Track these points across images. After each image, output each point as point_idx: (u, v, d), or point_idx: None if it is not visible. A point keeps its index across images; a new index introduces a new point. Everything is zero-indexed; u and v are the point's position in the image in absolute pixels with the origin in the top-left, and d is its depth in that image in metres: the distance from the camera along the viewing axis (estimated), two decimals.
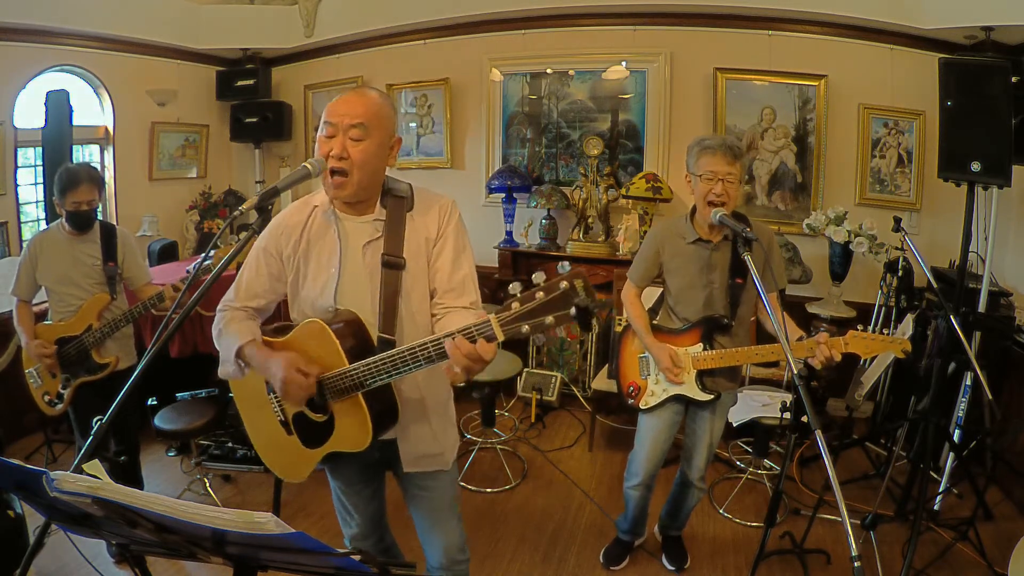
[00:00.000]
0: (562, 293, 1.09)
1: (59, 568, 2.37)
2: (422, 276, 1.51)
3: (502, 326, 1.15)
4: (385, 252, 1.47)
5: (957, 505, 2.90)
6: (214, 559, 0.99)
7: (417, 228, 1.51)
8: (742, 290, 2.12)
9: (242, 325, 1.53)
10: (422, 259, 1.51)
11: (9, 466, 0.92)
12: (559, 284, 1.09)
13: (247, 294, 1.57)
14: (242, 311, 1.57)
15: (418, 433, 1.59)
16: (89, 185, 2.43)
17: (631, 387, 2.32)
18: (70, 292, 2.51)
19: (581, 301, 1.08)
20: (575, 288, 1.08)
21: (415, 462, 1.61)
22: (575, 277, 1.09)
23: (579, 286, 1.09)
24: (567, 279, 1.09)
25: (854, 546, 1.21)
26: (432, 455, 1.63)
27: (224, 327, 1.54)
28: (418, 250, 1.50)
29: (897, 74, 3.62)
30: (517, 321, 1.13)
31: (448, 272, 1.50)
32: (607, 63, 4.09)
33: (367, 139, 1.41)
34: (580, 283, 1.09)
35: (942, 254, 3.50)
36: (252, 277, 1.57)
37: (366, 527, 1.79)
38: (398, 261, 1.47)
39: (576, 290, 1.08)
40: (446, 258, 1.51)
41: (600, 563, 2.56)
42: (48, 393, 2.56)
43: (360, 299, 1.48)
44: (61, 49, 3.94)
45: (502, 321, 1.15)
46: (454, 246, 1.52)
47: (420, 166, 4.66)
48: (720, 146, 2.02)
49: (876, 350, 1.97)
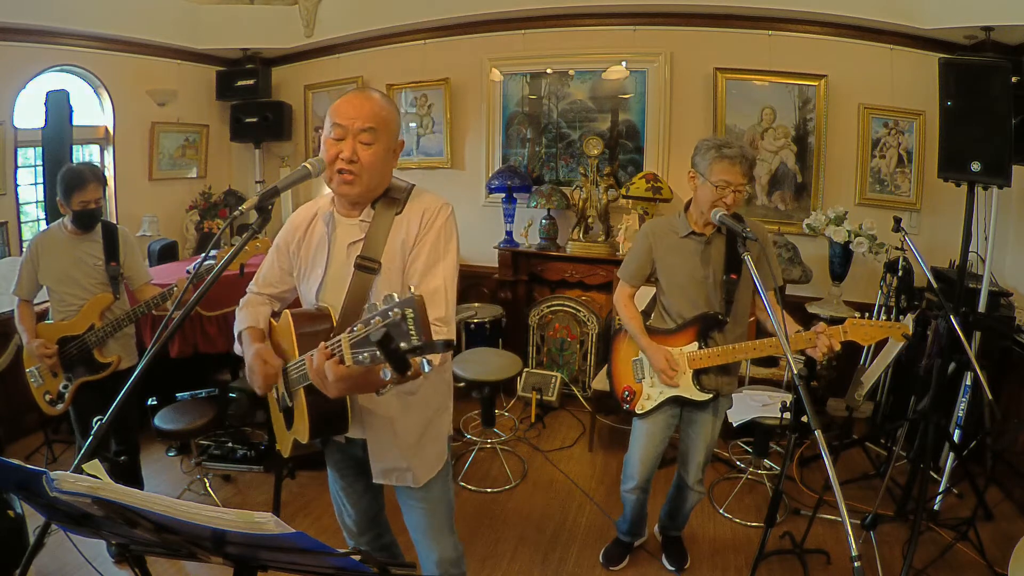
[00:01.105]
0: (383, 336, 0.99)
1: (59, 568, 2.37)
2: (399, 279, 1.48)
3: (351, 348, 1.08)
4: (360, 254, 1.47)
5: (957, 505, 2.90)
6: (214, 559, 0.99)
7: (400, 230, 1.49)
8: (736, 286, 2.10)
9: (252, 310, 1.63)
10: (399, 262, 1.48)
11: (9, 466, 0.92)
12: (389, 311, 0.99)
13: (264, 282, 1.68)
14: (259, 296, 1.68)
15: (383, 444, 1.57)
16: (95, 184, 2.45)
17: (625, 391, 2.30)
18: (72, 292, 2.51)
19: (411, 345, 0.98)
20: (405, 318, 0.98)
21: (382, 474, 1.60)
22: (407, 305, 0.98)
23: (409, 316, 0.98)
24: (399, 306, 0.98)
25: (854, 546, 1.21)
26: (399, 469, 1.59)
27: (240, 309, 1.65)
28: (394, 253, 1.48)
29: (897, 74, 3.62)
30: (356, 348, 1.06)
31: (417, 282, 1.44)
32: (607, 63, 4.09)
33: (376, 143, 1.42)
34: (410, 312, 0.98)
35: (942, 254, 3.50)
36: (269, 268, 1.68)
37: (361, 522, 1.79)
38: (371, 265, 1.46)
39: (406, 320, 0.98)
40: (418, 266, 1.46)
41: (600, 563, 2.56)
42: (49, 392, 2.56)
43: (337, 298, 1.49)
44: (61, 49, 3.94)
45: (351, 340, 1.08)
46: (430, 254, 1.46)
47: (420, 166, 4.66)
48: (739, 157, 1.97)
49: (876, 336, 1.94)
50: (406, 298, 0.99)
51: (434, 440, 1.64)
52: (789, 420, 2.32)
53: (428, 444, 1.62)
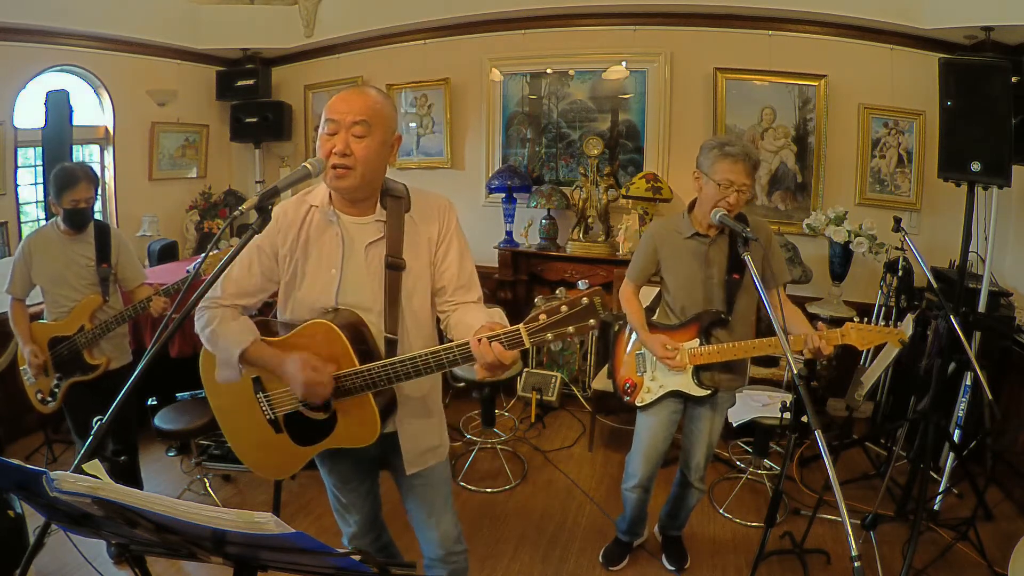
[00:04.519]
0: (584, 308, 1.24)
1: (59, 568, 2.37)
2: (423, 276, 1.55)
3: (530, 335, 1.27)
4: (388, 254, 1.49)
5: (957, 505, 2.90)
6: (214, 559, 0.99)
7: (418, 229, 1.53)
8: (738, 286, 2.12)
9: (238, 325, 1.49)
10: (423, 259, 1.54)
11: (9, 466, 0.92)
12: (581, 300, 1.25)
13: (236, 292, 1.51)
14: (230, 308, 1.51)
15: (421, 428, 1.62)
16: (87, 183, 2.44)
17: (627, 383, 2.32)
18: (63, 293, 2.50)
19: (599, 316, 1.25)
20: (595, 304, 1.25)
21: (417, 458, 1.62)
22: (594, 294, 1.25)
23: (597, 302, 1.25)
24: (588, 295, 1.25)
25: (854, 546, 1.21)
26: (432, 448, 1.67)
27: (217, 327, 1.48)
28: (418, 251, 1.53)
29: (897, 74, 3.62)
30: (543, 331, 1.27)
31: (456, 270, 1.56)
32: (607, 63, 4.10)
33: (369, 136, 1.41)
34: (598, 299, 1.26)
35: (942, 254, 3.50)
36: (243, 275, 1.51)
37: (363, 525, 1.79)
38: (399, 262, 1.50)
39: (595, 306, 1.24)
40: (453, 257, 1.56)
41: (600, 563, 2.56)
42: (41, 391, 2.56)
43: (361, 299, 1.49)
44: (61, 49, 3.94)
45: (531, 330, 1.27)
46: (458, 245, 1.58)
47: (420, 166, 4.66)
48: (743, 156, 1.97)
49: (873, 341, 1.96)
50: (590, 289, 1.28)
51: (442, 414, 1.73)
52: (789, 420, 2.32)
53: (443, 419, 1.73)
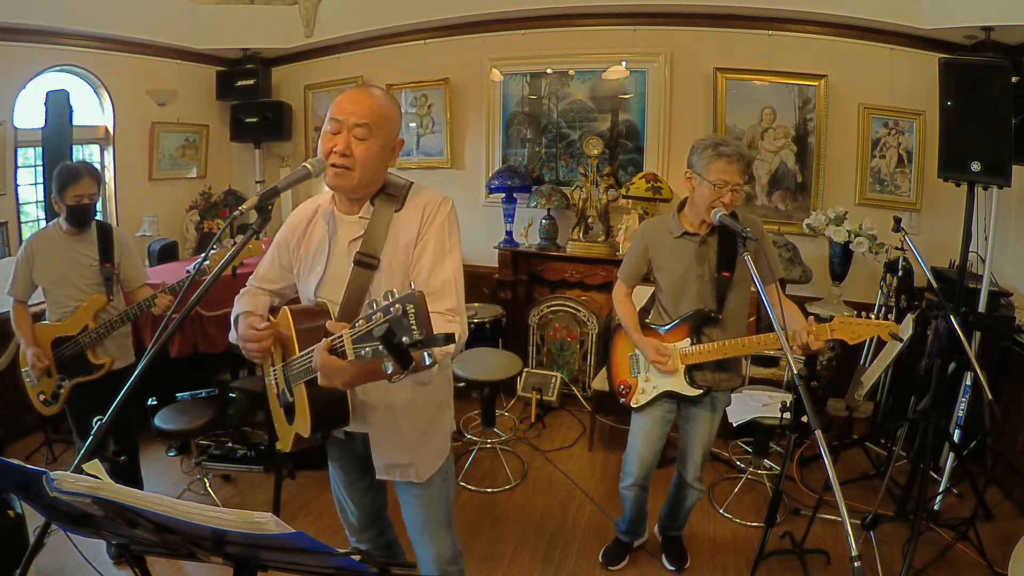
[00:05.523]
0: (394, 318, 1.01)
1: (59, 568, 2.37)
2: (399, 276, 1.48)
3: (353, 343, 1.10)
4: (360, 251, 1.48)
5: (957, 505, 2.90)
6: (214, 559, 0.99)
7: (400, 227, 1.50)
8: (729, 283, 2.12)
9: (251, 299, 1.64)
10: (399, 258, 1.48)
11: (9, 466, 0.92)
12: (390, 307, 1.01)
13: (264, 278, 1.69)
14: (259, 290, 1.69)
15: (385, 439, 1.58)
16: (90, 179, 2.44)
17: (622, 385, 2.34)
18: (67, 293, 2.50)
19: (413, 335, 1.00)
20: (406, 313, 0.99)
21: (384, 469, 1.61)
22: (407, 301, 1.00)
23: (410, 311, 1.00)
24: (399, 302, 1.00)
25: (854, 546, 1.21)
26: (401, 465, 1.60)
27: (239, 298, 1.66)
28: (395, 250, 1.48)
29: (897, 74, 3.62)
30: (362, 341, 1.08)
31: (426, 275, 1.45)
32: (607, 63, 4.09)
33: (370, 139, 1.41)
34: (411, 308, 1.00)
35: (942, 254, 3.50)
36: (267, 264, 1.69)
37: (362, 520, 1.79)
38: (371, 261, 1.47)
39: (407, 315, 1.00)
40: (426, 260, 1.47)
41: (600, 563, 2.56)
42: (43, 392, 2.55)
43: (336, 295, 1.50)
44: (61, 49, 3.94)
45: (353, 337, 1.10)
46: (436, 247, 1.47)
47: (420, 166, 4.65)
48: (736, 155, 1.97)
49: (863, 335, 1.91)
50: (406, 294, 1.02)
51: (436, 435, 1.65)
52: (789, 420, 2.32)
53: (430, 439, 1.63)
